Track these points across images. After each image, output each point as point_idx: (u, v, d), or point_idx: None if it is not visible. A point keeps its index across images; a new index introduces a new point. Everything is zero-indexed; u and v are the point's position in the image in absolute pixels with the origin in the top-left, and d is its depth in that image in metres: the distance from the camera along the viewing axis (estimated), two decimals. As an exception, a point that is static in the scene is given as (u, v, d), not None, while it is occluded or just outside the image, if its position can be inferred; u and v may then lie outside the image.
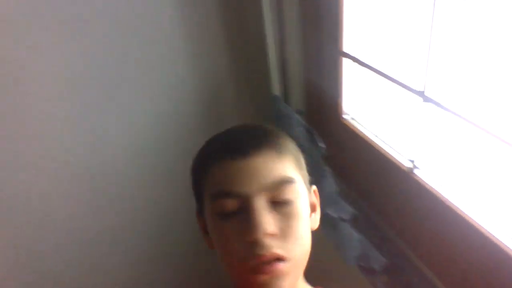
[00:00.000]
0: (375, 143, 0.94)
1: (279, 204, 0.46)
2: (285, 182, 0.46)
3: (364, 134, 0.98)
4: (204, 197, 0.49)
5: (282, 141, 0.49)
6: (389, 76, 0.83)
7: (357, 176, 0.98)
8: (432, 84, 0.71)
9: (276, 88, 1.18)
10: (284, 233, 0.45)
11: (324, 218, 1.00)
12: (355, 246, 0.86)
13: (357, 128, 1.01)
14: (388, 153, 0.90)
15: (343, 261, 0.90)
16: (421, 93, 0.73)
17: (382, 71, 0.85)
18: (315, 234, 0.53)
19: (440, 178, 0.78)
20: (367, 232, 0.90)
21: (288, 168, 0.47)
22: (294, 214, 0.46)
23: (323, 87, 1.09)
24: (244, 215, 0.44)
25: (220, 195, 0.46)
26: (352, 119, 1.05)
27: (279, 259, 0.44)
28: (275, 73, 1.16)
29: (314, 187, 0.57)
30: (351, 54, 0.94)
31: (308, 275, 0.55)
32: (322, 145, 0.95)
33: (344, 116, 1.06)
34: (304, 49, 1.07)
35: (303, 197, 0.49)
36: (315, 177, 1.01)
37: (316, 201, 0.56)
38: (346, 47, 0.95)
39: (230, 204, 0.45)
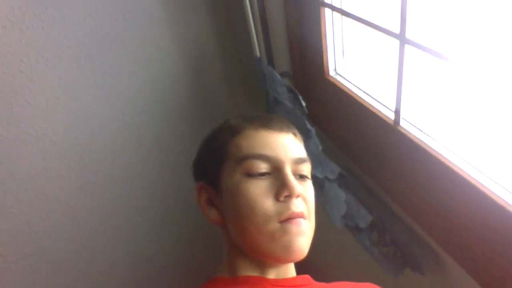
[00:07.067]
0: (362, 98, 0.89)
1: (298, 177, 0.52)
2: (305, 160, 0.52)
3: (350, 90, 0.93)
4: (225, 161, 0.51)
5: (296, 130, 0.57)
6: (370, 22, 0.77)
7: (344, 133, 0.93)
8: (412, 28, 0.66)
9: (258, 50, 1.12)
10: (305, 199, 0.51)
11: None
12: (341, 206, 0.83)
13: (343, 85, 0.96)
14: (374, 107, 0.85)
15: (332, 224, 0.87)
16: (401, 36, 0.67)
17: (362, 18, 0.79)
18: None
19: (425, 128, 0.73)
20: (353, 189, 0.87)
21: (304, 151, 0.54)
22: (310, 188, 0.53)
23: (306, 44, 1.03)
24: (274, 178, 0.49)
25: (250, 157, 0.49)
26: (338, 74, 1.00)
27: (304, 217, 0.49)
28: (256, 35, 1.10)
29: None
30: (331, 3, 0.88)
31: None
32: (304, 104, 0.90)
33: (330, 73, 1.01)
34: (285, 4, 1.00)
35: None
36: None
37: None
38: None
39: (260, 166, 0.49)
